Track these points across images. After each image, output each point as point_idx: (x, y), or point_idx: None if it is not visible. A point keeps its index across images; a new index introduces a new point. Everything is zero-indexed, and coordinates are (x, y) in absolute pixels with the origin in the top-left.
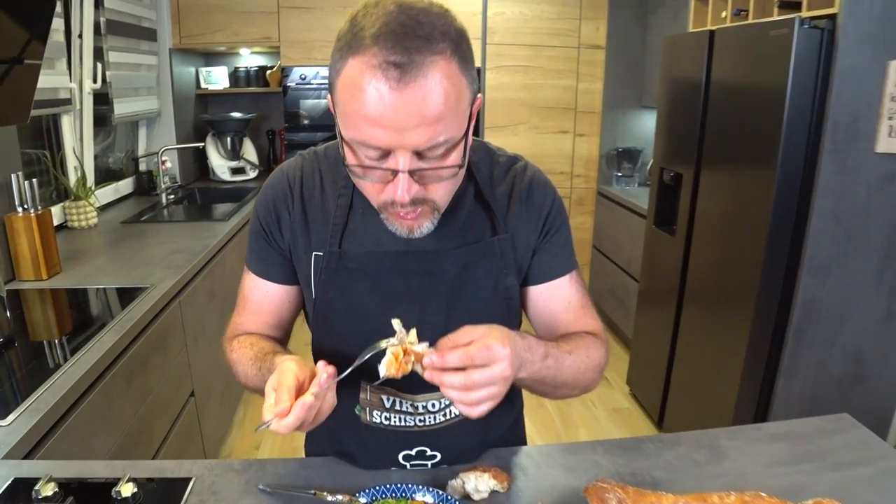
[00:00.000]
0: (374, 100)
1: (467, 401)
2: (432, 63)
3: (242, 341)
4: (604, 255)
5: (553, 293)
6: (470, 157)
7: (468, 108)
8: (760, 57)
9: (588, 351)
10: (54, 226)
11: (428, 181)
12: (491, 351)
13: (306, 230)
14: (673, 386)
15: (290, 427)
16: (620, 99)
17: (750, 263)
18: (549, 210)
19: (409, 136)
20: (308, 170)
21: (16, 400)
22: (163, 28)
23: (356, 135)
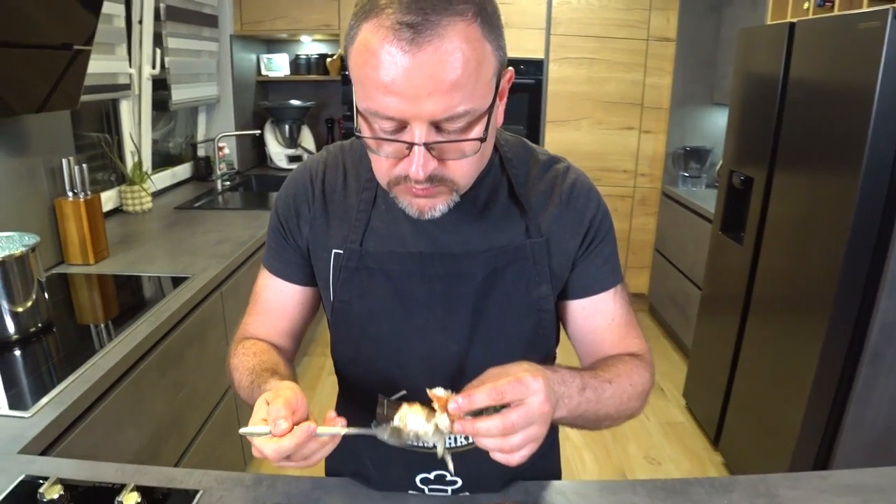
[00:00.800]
0: (385, 64)
1: (507, 447)
2: (450, 24)
3: (247, 347)
4: (666, 258)
5: (596, 309)
6: (505, 152)
7: (493, 79)
8: (847, 52)
9: (631, 377)
10: (110, 210)
11: (447, 156)
12: (522, 384)
13: (326, 226)
14: (732, 402)
15: (282, 450)
16: (690, 95)
17: (824, 277)
18: (594, 217)
19: (425, 105)
20: (332, 164)
21: (42, 390)
22: (224, 14)
23: (369, 104)
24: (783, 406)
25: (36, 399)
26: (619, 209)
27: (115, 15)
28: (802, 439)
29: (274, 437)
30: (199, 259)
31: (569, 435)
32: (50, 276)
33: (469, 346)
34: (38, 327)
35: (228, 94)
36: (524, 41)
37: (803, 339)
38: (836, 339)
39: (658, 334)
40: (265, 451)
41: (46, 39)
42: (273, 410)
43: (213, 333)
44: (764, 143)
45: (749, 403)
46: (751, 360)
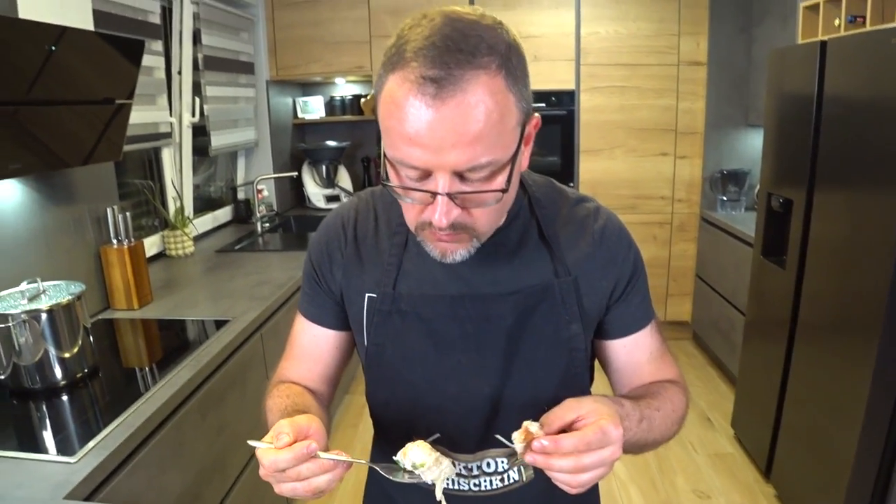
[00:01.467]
0: (410, 117)
1: (573, 483)
2: (473, 77)
3: (282, 390)
4: (708, 284)
5: (637, 345)
6: (533, 192)
7: (517, 128)
8: (881, 67)
9: (673, 404)
10: (153, 254)
11: (469, 205)
12: (606, 435)
13: (360, 271)
14: (783, 431)
15: (277, 463)
16: (724, 117)
17: (873, 298)
18: (629, 259)
19: (448, 157)
20: (363, 210)
21: (88, 435)
22: (260, 61)
23: (396, 154)
24: (836, 435)
25: (82, 444)
26: (658, 236)
27: (156, 67)
28: (858, 470)
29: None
30: (239, 301)
31: (614, 470)
32: (96, 321)
33: (502, 388)
34: (84, 372)
35: (266, 138)
36: (555, 73)
37: (853, 365)
38: (889, 363)
39: (704, 363)
40: (263, 461)
41: (91, 95)
42: (278, 426)
43: (254, 375)
44: (801, 164)
45: (800, 433)
46: (800, 388)
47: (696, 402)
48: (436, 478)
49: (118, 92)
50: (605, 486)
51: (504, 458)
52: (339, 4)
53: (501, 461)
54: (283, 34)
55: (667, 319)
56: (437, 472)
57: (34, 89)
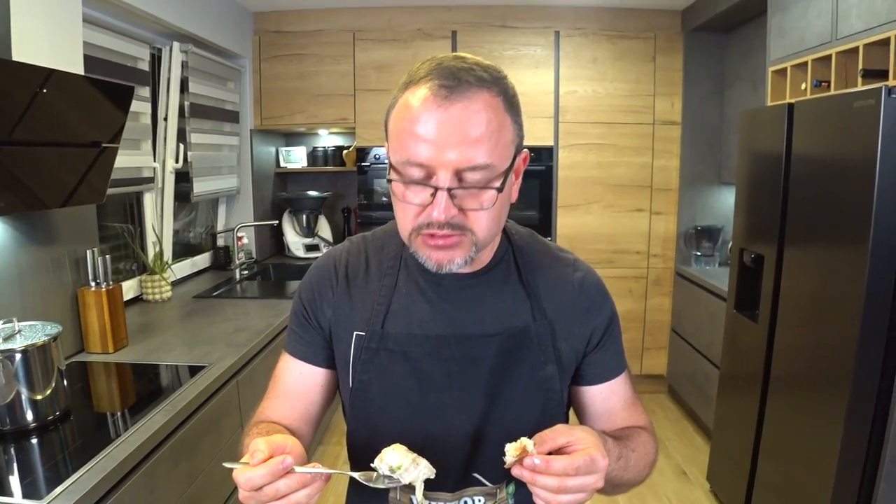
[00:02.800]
0: (422, 117)
1: (554, 502)
2: (478, 92)
3: (261, 428)
4: (683, 338)
5: (612, 392)
6: (516, 240)
7: (511, 147)
8: (845, 130)
9: (646, 447)
10: (130, 298)
11: (466, 205)
12: (594, 463)
13: (349, 309)
14: (758, 483)
15: (253, 480)
16: (698, 175)
17: (842, 351)
18: (606, 310)
19: (450, 154)
20: (354, 252)
21: (57, 479)
22: (245, 110)
23: (403, 154)
24: (810, 486)
25: (51, 488)
26: (634, 290)
27: (142, 112)
28: None
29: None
30: (216, 348)
31: None
32: (70, 363)
33: (483, 426)
34: (56, 415)
35: (248, 186)
36: (534, 129)
37: (825, 416)
38: (859, 414)
39: (679, 416)
40: (238, 480)
41: (77, 138)
42: (254, 444)
43: (229, 423)
44: (772, 221)
45: (776, 485)
46: (774, 440)
47: (672, 455)
48: (414, 479)
49: (105, 135)
50: None
51: (482, 497)
52: (325, 59)
53: (478, 500)
54: (268, 85)
55: (642, 373)
56: (414, 473)
57: (17, 129)
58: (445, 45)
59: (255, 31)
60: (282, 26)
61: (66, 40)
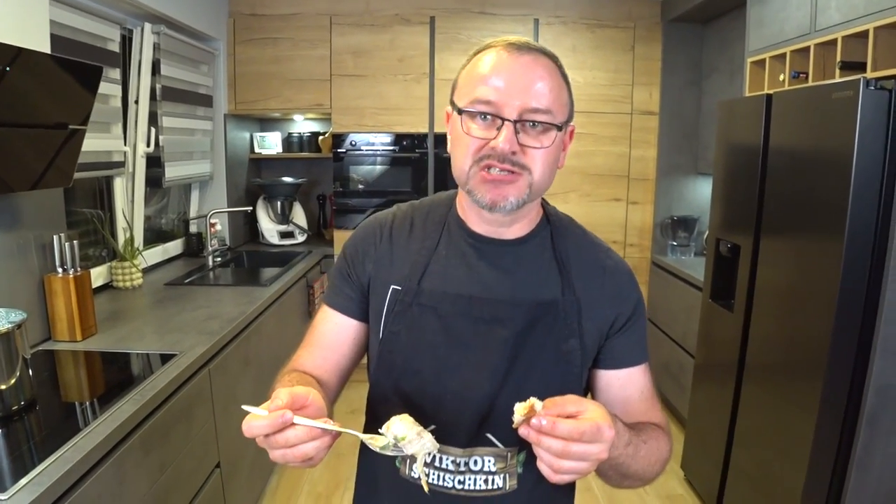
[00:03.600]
0: (494, 62)
1: (555, 466)
2: (543, 56)
3: (293, 376)
4: (658, 328)
5: (630, 380)
6: (553, 219)
7: (566, 106)
8: (823, 121)
9: (658, 443)
10: (100, 285)
11: (527, 142)
12: (600, 432)
13: (389, 264)
14: (731, 472)
15: (252, 428)
16: (675, 166)
17: (816, 342)
18: (634, 298)
19: (517, 96)
20: (400, 216)
21: (23, 470)
22: (219, 94)
23: (472, 95)
24: (783, 475)
25: (15, 480)
26: None
27: (112, 95)
28: None
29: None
30: (187, 336)
31: None
32: (36, 352)
33: (501, 389)
34: (21, 405)
35: (221, 172)
36: None
37: (799, 405)
38: (833, 403)
39: None
40: (244, 426)
41: (43, 119)
42: (276, 393)
43: (200, 411)
44: (748, 211)
45: (749, 473)
46: (748, 428)
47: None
48: (416, 451)
49: (72, 117)
50: None
51: (492, 458)
52: (301, 43)
53: (489, 460)
54: (243, 69)
55: None
56: (418, 445)
57: None
58: (423, 30)
59: (230, 13)
60: (257, 9)
61: (32, 18)
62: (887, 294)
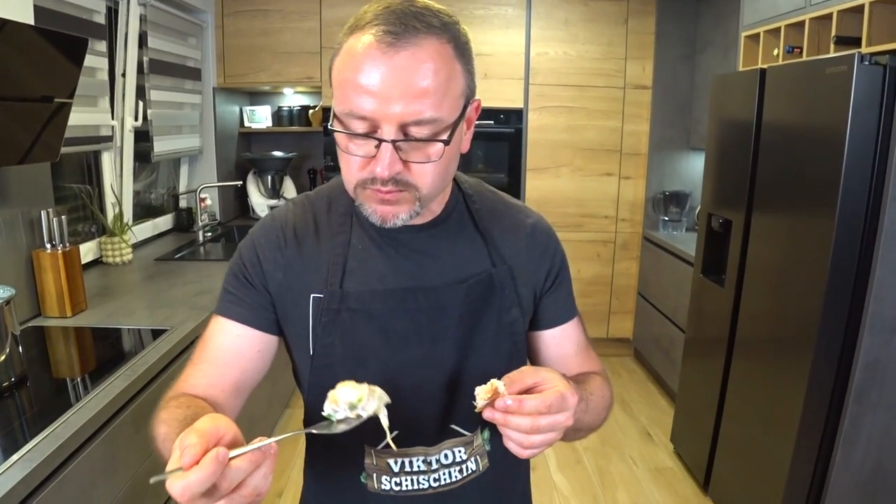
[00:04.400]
0: (365, 66)
1: (526, 443)
2: (426, 39)
3: (181, 401)
4: (649, 302)
5: (566, 337)
6: (466, 189)
7: (461, 98)
8: (816, 96)
9: (602, 391)
10: (90, 261)
11: (412, 158)
12: (564, 400)
13: (302, 272)
14: (721, 445)
15: (190, 487)
16: (667, 140)
17: (806, 317)
18: (559, 253)
19: (395, 107)
20: (299, 212)
21: (13, 447)
22: (207, 68)
23: (346, 106)
24: (771, 448)
25: (6, 456)
26: (602, 254)
27: (99, 68)
28: (792, 482)
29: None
30: (178, 311)
31: (556, 483)
32: (25, 329)
33: (457, 377)
34: (10, 382)
35: (211, 146)
36: (504, 91)
37: (788, 380)
38: (821, 379)
39: (644, 379)
40: (173, 490)
41: (28, 92)
42: (182, 440)
43: None
44: (741, 187)
45: (737, 447)
46: (737, 403)
47: (637, 417)
48: (377, 409)
49: (58, 91)
50: (548, 501)
51: (461, 447)
52: (291, 15)
53: (458, 450)
54: (231, 41)
55: (609, 336)
56: (375, 402)
57: None
58: None
59: None
60: None
61: None
62: (877, 271)
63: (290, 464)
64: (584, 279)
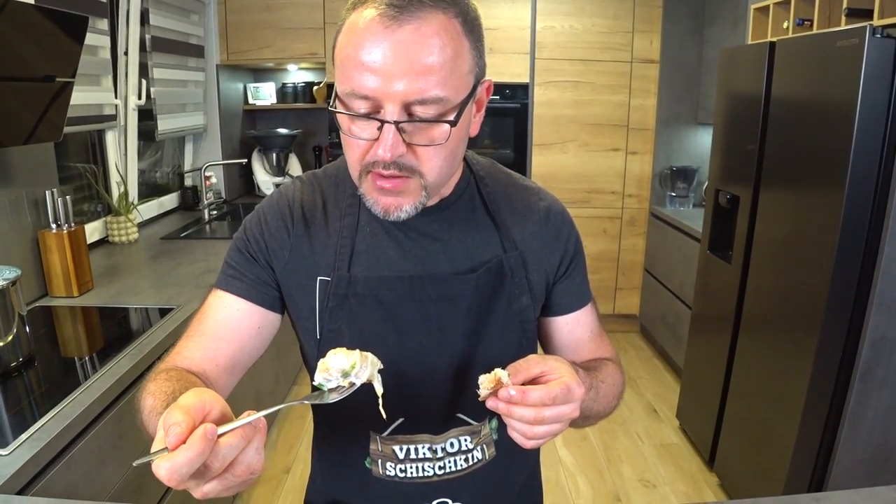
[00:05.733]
0: (367, 42)
1: (529, 434)
2: (433, 13)
3: (171, 374)
4: (656, 278)
5: (579, 323)
6: (477, 170)
7: (470, 75)
8: (826, 70)
9: (614, 378)
10: (95, 241)
11: (416, 140)
12: (570, 392)
13: (310, 253)
14: (726, 422)
15: (178, 469)
16: (675, 115)
17: (813, 294)
18: (573, 238)
19: (398, 85)
20: (308, 191)
21: (22, 426)
22: (210, 45)
23: (347, 85)
24: (777, 425)
25: (15, 435)
26: (608, 230)
27: (101, 46)
28: (797, 459)
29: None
30: (185, 289)
31: (561, 459)
32: (32, 309)
33: (464, 366)
34: (18, 361)
35: (215, 124)
36: (509, 66)
37: (794, 357)
38: (827, 356)
39: (650, 355)
40: (159, 473)
41: (29, 72)
42: (167, 418)
43: None
44: (748, 162)
45: (743, 423)
46: (743, 379)
47: (643, 393)
48: (371, 375)
49: (60, 70)
50: (553, 477)
51: (467, 436)
52: None
53: (464, 439)
54: (234, 18)
55: (615, 312)
56: (368, 368)
57: None
58: None
59: None
60: None
61: None
62: (886, 248)
63: (298, 440)
64: (590, 255)
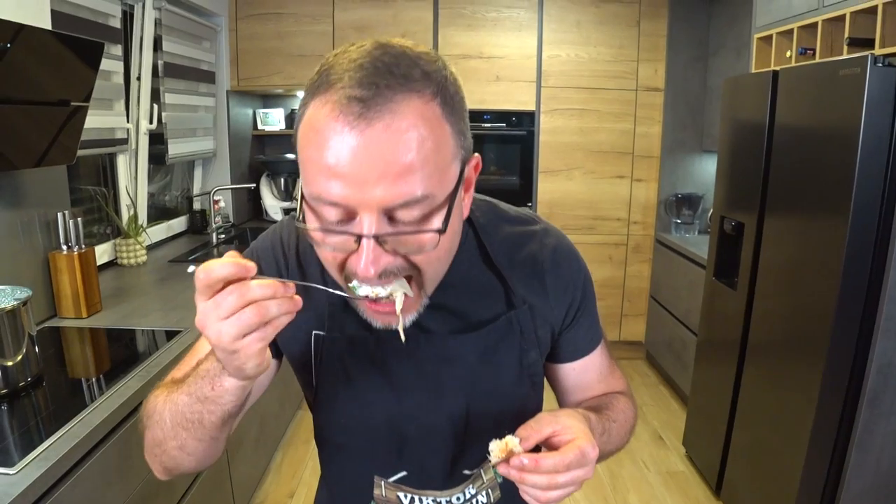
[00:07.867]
0: (331, 142)
1: (543, 499)
2: (405, 100)
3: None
4: (661, 305)
5: (587, 367)
6: (477, 217)
7: (454, 164)
8: (829, 98)
9: (626, 414)
10: (104, 263)
11: (402, 249)
12: (584, 456)
13: (307, 301)
14: (733, 449)
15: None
16: (680, 143)
17: (819, 320)
18: (580, 284)
19: (374, 191)
20: (302, 234)
21: (29, 445)
22: (221, 71)
23: (313, 189)
24: (784, 452)
25: (22, 455)
26: (614, 257)
27: (114, 72)
28: (805, 487)
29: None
30: (192, 312)
31: None
32: (42, 329)
33: (465, 424)
34: (27, 381)
35: (224, 148)
36: (516, 94)
37: (801, 384)
38: (834, 382)
39: (656, 382)
40: (198, 275)
41: (45, 96)
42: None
43: None
44: (753, 189)
45: (749, 450)
46: (749, 406)
47: (649, 420)
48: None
49: (74, 94)
50: None
51: (471, 486)
52: (304, 18)
53: (468, 489)
54: (245, 45)
55: (621, 339)
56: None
57: None
58: (427, 5)
59: None
60: None
61: None
62: (891, 273)
63: (302, 465)
64: (596, 282)
